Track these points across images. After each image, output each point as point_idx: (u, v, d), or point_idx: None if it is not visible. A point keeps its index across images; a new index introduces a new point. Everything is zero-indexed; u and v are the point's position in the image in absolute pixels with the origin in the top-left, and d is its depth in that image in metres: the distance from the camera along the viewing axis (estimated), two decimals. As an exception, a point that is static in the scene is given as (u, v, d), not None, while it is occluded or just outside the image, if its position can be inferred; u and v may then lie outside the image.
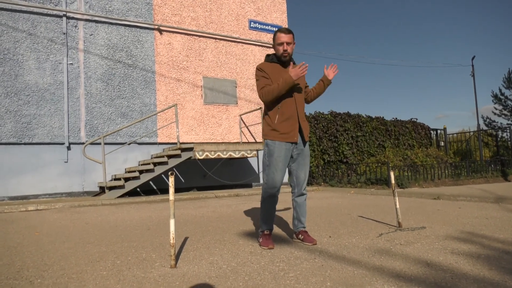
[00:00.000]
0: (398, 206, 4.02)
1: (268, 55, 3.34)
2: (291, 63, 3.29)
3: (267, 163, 3.18)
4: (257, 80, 3.26)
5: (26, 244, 3.54)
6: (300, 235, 3.32)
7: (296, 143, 3.22)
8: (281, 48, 3.18)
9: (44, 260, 2.87)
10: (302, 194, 3.31)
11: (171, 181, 2.62)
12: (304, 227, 3.36)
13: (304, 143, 3.27)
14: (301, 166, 3.26)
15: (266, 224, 3.27)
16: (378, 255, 2.79)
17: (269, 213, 3.27)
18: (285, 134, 3.15)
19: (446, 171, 10.44)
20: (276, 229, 3.95)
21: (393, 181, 4.16)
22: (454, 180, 10.05)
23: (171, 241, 2.61)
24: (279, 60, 3.26)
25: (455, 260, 2.63)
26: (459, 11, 71.60)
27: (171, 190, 2.64)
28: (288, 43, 3.17)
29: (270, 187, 3.14)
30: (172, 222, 2.64)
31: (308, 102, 3.48)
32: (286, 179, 11.09)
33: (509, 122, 27.58)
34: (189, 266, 2.60)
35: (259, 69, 3.25)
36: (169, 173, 2.66)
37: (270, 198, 3.21)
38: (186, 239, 3.58)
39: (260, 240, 3.21)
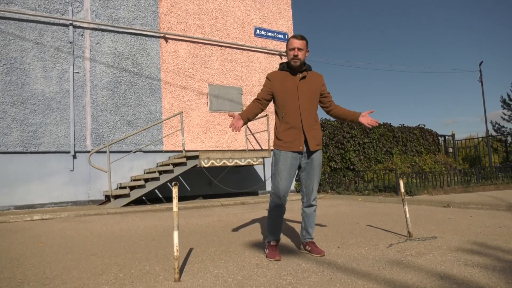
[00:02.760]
0: (408, 215, 3.92)
1: (281, 63, 3.32)
2: (306, 72, 3.22)
3: (273, 172, 3.19)
4: (262, 87, 3.30)
5: (29, 255, 3.49)
6: (307, 246, 3.24)
7: (301, 153, 3.16)
8: (292, 53, 3.13)
9: (46, 273, 2.81)
10: (311, 205, 3.24)
11: (174, 192, 2.56)
12: (312, 238, 3.28)
13: (311, 153, 3.19)
14: (310, 176, 3.20)
15: (273, 235, 3.20)
16: (389, 267, 2.70)
17: (276, 223, 3.20)
18: (289, 143, 3.12)
19: (456, 178, 10.27)
20: (283, 239, 3.86)
21: (402, 190, 4.06)
22: (464, 187, 9.88)
23: (175, 254, 2.53)
24: (289, 67, 3.21)
25: (470, 272, 2.53)
26: (466, 17, 71.34)
27: (175, 201, 2.57)
28: (299, 49, 3.12)
29: (276, 196, 3.14)
30: (175, 234, 2.57)
31: (329, 115, 3.42)
32: (293, 186, 10.99)
33: (518, 127, 27.26)
34: (194, 280, 2.52)
35: (266, 77, 3.29)
36: (173, 183, 2.60)
37: (276, 208, 3.17)
38: (191, 250, 3.50)
39: (267, 251, 3.13)
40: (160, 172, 8.62)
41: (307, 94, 3.18)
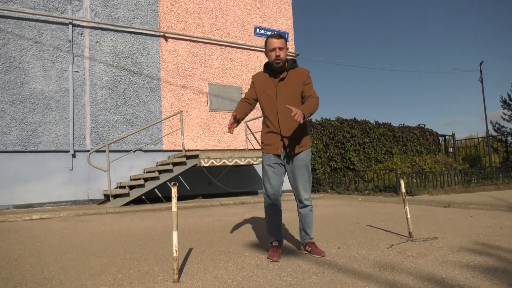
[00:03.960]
0: (409, 216, 3.89)
1: (265, 64, 3.27)
2: (286, 72, 3.13)
3: (262, 173, 3.24)
4: (249, 88, 3.33)
5: (27, 255, 3.46)
6: (307, 247, 3.21)
7: (279, 156, 3.16)
8: (273, 54, 3.05)
9: (44, 274, 2.79)
10: (305, 206, 3.20)
11: (173, 192, 2.53)
12: (311, 239, 3.25)
13: (294, 155, 3.15)
14: (295, 177, 3.17)
15: (272, 235, 3.19)
16: (389, 269, 2.67)
17: (273, 224, 3.19)
18: (268, 146, 3.16)
19: (456, 178, 10.24)
20: (284, 240, 3.83)
21: (403, 190, 4.03)
22: (464, 187, 9.85)
23: (174, 254, 2.51)
24: (271, 68, 3.16)
25: (472, 274, 2.50)
26: (467, 17, 71.29)
27: (174, 201, 2.55)
28: (280, 48, 3.04)
29: (266, 196, 3.19)
30: (175, 234, 2.54)
31: None
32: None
33: (518, 127, 27.22)
34: (193, 281, 2.50)
35: (252, 79, 3.30)
36: (172, 183, 2.57)
37: (270, 207, 3.19)
38: (190, 250, 3.48)
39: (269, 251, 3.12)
40: (160, 172, 8.60)
41: (286, 96, 3.09)
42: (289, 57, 3.25)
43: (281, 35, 3.12)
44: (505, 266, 2.68)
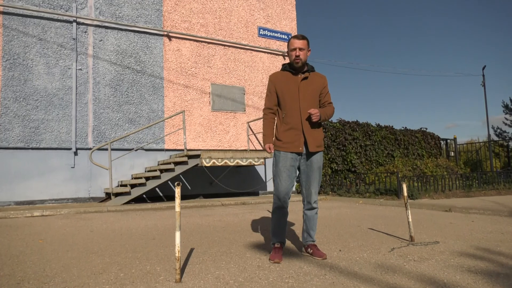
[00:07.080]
0: (410, 220, 3.89)
1: (283, 64, 3.31)
2: (308, 72, 3.19)
3: (274, 173, 3.19)
4: (267, 91, 3.30)
5: (29, 252, 3.47)
6: (309, 249, 3.21)
7: (301, 154, 3.14)
8: (293, 54, 3.12)
9: (46, 271, 2.79)
10: (313, 208, 3.21)
11: (177, 192, 2.54)
12: (314, 241, 3.26)
13: (311, 154, 3.17)
14: (309, 178, 3.17)
15: (276, 237, 3.19)
16: (391, 272, 2.68)
17: (278, 225, 3.19)
18: (288, 144, 3.11)
19: (457, 182, 10.23)
20: (286, 242, 3.84)
21: (405, 193, 4.03)
22: (465, 191, 9.84)
23: (176, 254, 2.51)
24: (292, 68, 3.20)
25: (473, 279, 2.50)
26: (470, 21, 71.23)
27: (177, 201, 2.55)
28: (300, 49, 3.10)
29: (276, 198, 3.15)
30: (177, 234, 2.54)
31: None
32: (294, 187, 10.96)
33: (520, 132, 27.13)
34: (195, 281, 2.50)
35: (270, 79, 3.27)
36: (176, 183, 2.58)
37: (278, 209, 3.17)
38: (192, 250, 3.48)
39: (271, 253, 3.12)
40: (161, 171, 8.61)
41: (308, 95, 3.15)
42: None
43: (304, 37, 3.15)
44: (507, 271, 2.68)
